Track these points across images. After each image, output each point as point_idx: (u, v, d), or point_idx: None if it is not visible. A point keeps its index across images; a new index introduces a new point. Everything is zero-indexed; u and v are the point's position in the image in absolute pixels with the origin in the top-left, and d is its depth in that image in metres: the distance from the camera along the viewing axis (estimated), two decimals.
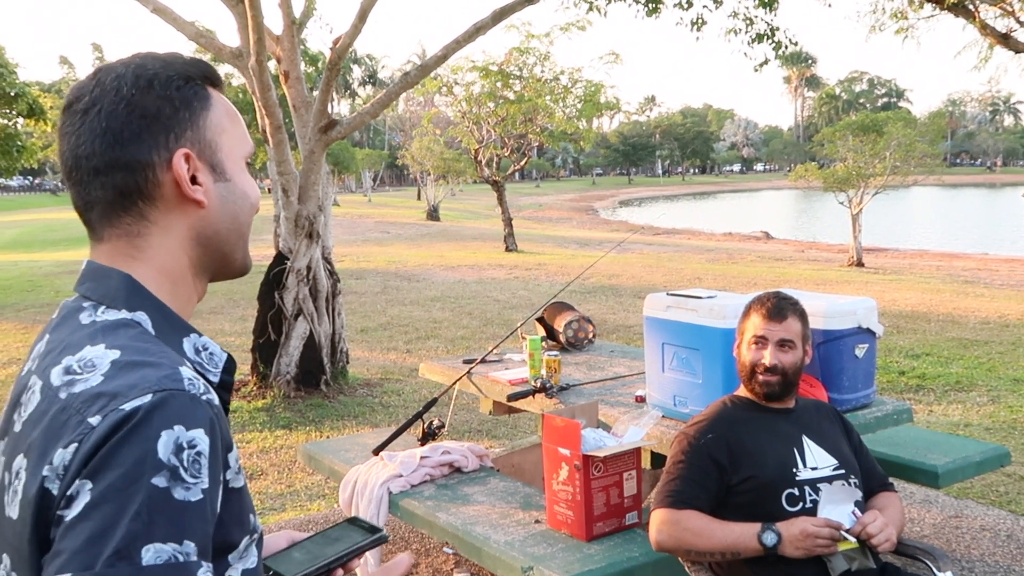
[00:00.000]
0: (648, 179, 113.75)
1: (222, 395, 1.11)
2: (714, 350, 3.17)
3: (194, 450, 0.94)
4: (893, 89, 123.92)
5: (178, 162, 1.08)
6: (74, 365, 1.00)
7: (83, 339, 1.03)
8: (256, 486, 5.31)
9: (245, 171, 1.17)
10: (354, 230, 29.79)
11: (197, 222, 1.12)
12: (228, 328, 10.47)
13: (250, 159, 1.19)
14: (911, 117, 26.08)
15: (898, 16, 13.70)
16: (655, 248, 25.21)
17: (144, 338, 1.04)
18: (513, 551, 2.95)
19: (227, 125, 1.15)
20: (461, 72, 20.69)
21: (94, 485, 0.90)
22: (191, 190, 1.09)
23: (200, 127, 1.11)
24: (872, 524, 2.35)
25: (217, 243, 1.15)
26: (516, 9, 7.47)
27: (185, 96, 1.10)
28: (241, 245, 1.18)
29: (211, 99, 1.13)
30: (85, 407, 0.95)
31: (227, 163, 1.14)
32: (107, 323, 1.05)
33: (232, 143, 1.15)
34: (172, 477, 0.92)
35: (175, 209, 1.10)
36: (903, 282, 15.64)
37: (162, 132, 1.08)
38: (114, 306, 1.07)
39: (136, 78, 1.08)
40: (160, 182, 1.08)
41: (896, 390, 7.24)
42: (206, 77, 1.14)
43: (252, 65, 6.74)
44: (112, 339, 1.02)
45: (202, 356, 1.11)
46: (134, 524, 0.89)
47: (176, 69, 1.11)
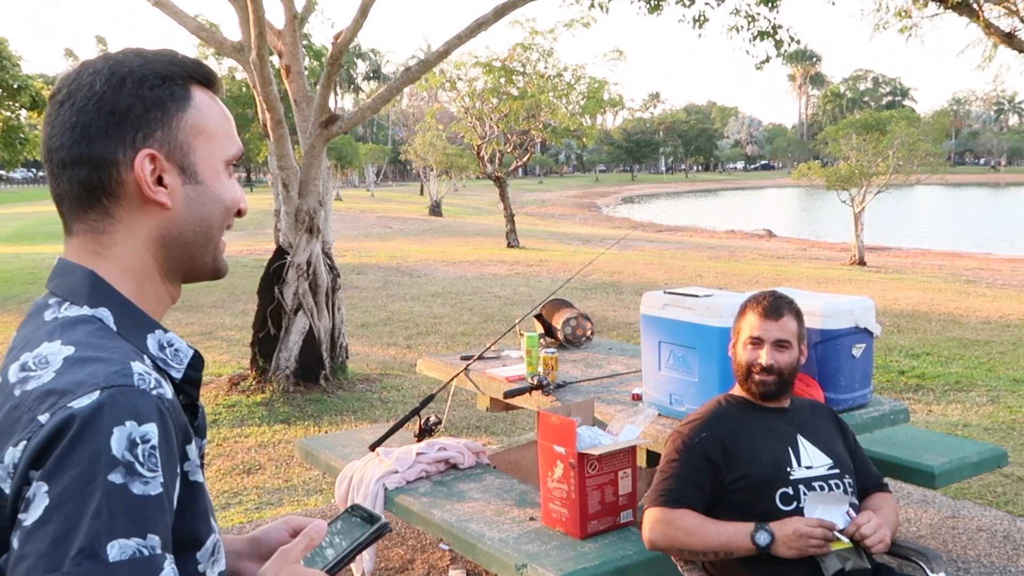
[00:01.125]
0: (651, 176, 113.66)
1: (189, 391, 1.12)
2: (710, 349, 3.16)
3: (148, 444, 0.94)
4: (897, 88, 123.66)
5: (140, 162, 1.07)
6: (30, 362, 1.01)
7: (42, 336, 1.03)
8: (254, 480, 5.31)
9: (223, 174, 1.15)
10: (356, 225, 29.79)
11: (162, 223, 1.11)
12: (228, 322, 10.47)
13: (234, 161, 1.17)
14: (915, 116, 26.02)
15: (902, 14, 13.67)
16: (657, 245, 25.19)
17: (101, 334, 1.04)
18: (507, 548, 2.95)
19: (208, 127, 1.13)
20: (464, 68, 20.67)
21: (50, 487, 0.90)
22: (153, 191, 1.08)
23: (172, 128, 1.09)
24: (866, 525, 2.35)
25: (183, 245, 1.13)
26: (518, 5, 7.45)
27: (159, 96, 1.09)
28: (211, 248, 1.16)
29: (190, 100, 1.12)
30: (36, 404, 0.95)
31: (200, 166, 1.12)
32: (67, 319, 1.05)
33: (210, 146, 1.13)
34: (128, 472, 0.92)
35: (139, 209, 1.09)
36: (905, 281, 15.62)
37: (130, 131, 1.07)
38: (76, 302, 1.07)
39: (111, 75, 1.07)
40: (123, 180, 1.07)
41: (896, 389, 7.23)
42: (191, 77, 1.13)
43: (253, 59, 6.74)
44: (69, 335, 1.02)
45: (166, 352, 1.10)
46: (95, 522, 0.89)
47: (154, 68, 1.10)
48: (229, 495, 5.08)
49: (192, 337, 9.54)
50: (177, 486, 1.00)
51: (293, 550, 1.16)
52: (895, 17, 13.75)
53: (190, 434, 1.05)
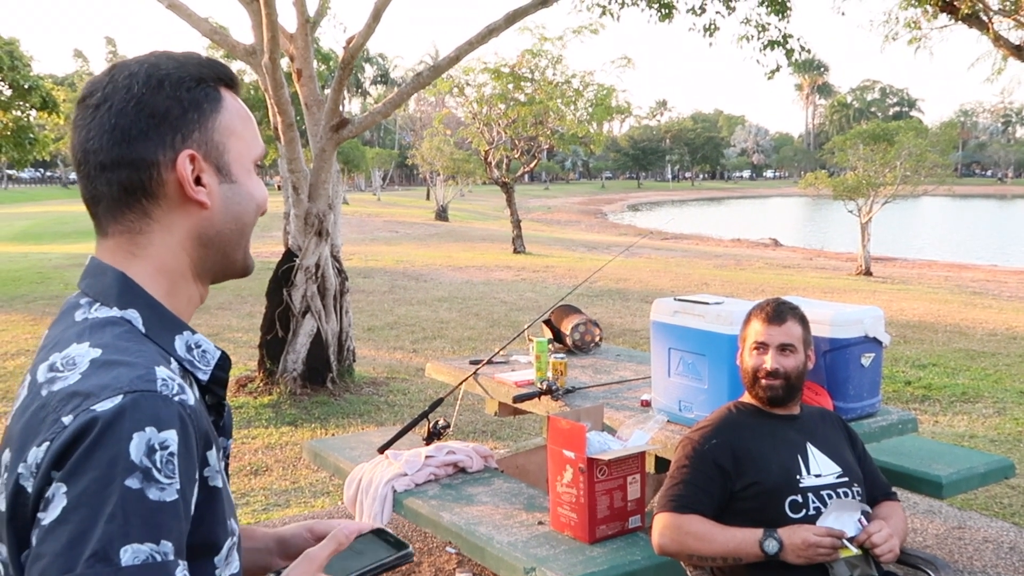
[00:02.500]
0: (657, 183, 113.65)
1: (216, 391, 1.14)
2: (720, 356, 3.17)
3: (167, 451, 0.95)
4: (905, 98, 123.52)
5: (182, 163, 1.09)
6: (58, 362, 1.02)
7: (71, 336, 1.05)
8: (261, 482, 5.33)
9: (252, 173, 1.18)
10: (363, 229, 29.83)
11: (200, 222, 1.13)
12: (235, 324, 10.50)
13: (259, 161, 1.20)
14: (922, 127, 26.01)
15: (912, 26, 13.67)
16: (663, 253, 25.19)
17: (129, 336, 1.05)
18: (516, 552, 2.96)
19: (237, 128, 1.16)
20: (473, 73, 20.72)
21: (69, 488, 0.92)
22: (194, 191, 1.10)
23: (208, 129, 1.12)
24: (877, 534, 2.36)
25: (219, 244, 1.16)
26: (529, 12, 7.48)
27: (195, 98, 1.11)
28: (243, 246, 1.19)
29: (222, 101, 1.15)
30: (60, 406, 0.97)
31: (234, 166, 1.15)
32: (96, 321, 1.06)
33: (241, 146, 1.16)
34: (145, 478, 0.93)
35: (178, 208, 1.11)
36: (911, 292, 15.61)
37: (169, 132, 1.09)
38: (106, 303, 1.08)
39: (148, 77, 1.09)
40: (164, 181, 1.09)
41: (902, 400, 7.23)
42: (220, 79, 1.16)
43: (265, 63, 6.77)
44: (97, 337, 1.04)
45: (193, 353, 1.12)
46: (110, 526, 0.91)
47: (189, 70, 1.12)
48: (236, 496, 5.09)
49: None
50: (195, 492, 1.01)
51: (319, 555, 1.16)
52: (905, 28, 13.75)
53: (211, 440, 1.06)
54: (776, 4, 9.41)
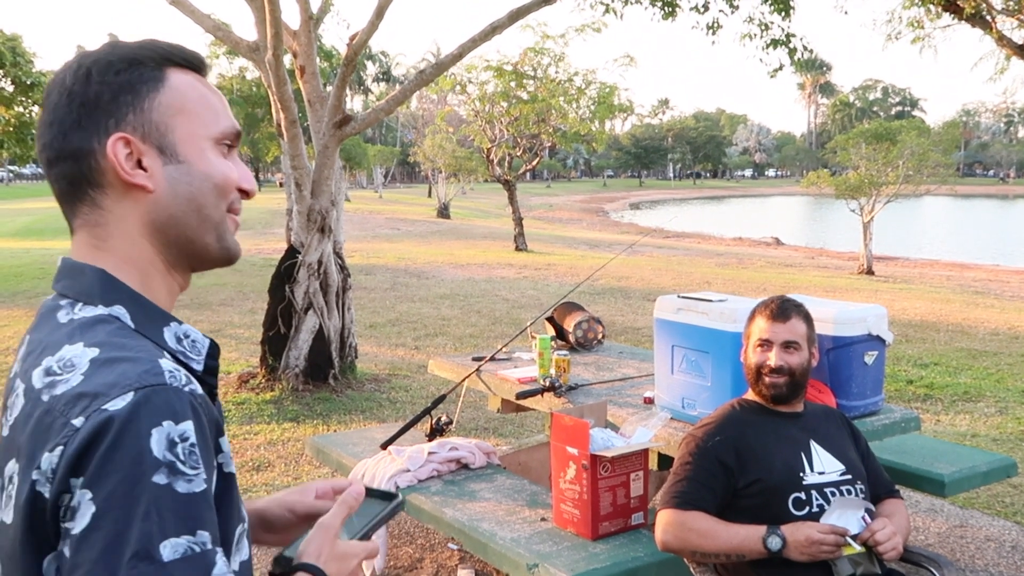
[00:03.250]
0: (659, 182, 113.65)
1: (208, 380, 1.11)
2: (723, 353, 3.18)
3: (187, 442, 0.94)
4: (907, 98, 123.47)
5: (112, 147, 1.05)
6: (54, 366, 1.00)
7: (61, 338, 1.02)
8: (264, 478, 5.34)
9: (210, 151, 1.12)
10: (365, 226, 29.84)
11: (148, 208, 1.08)
12: (237, 320, 10.51)
13: (226, 139, 1.14)
14: (925, 126, 26.02)
15: (915, 25, 13.68)
16: (665, 251, 25.19)
17: (122, 333, 1.03)
18: (519, 548, 2.96)
19: (187, 106, 1.10)
20: (475, 71, 20.71)
21: (95, 493, 0.90)
22: (129, 174, 1.06)
23: (145, 110, 1.07)
24: (881, 531, 2.36)
25: (176, 228, 1.10)
26: (532, 9, 7.48)
27: (126, 80, 1.07)
28: (210, 228, 1.12)
29: (164, 81, 1.09)
30: (68, 408, 0.95)
31: (181, 145, 1.09)
32: (84, 320, 1.04)
33: (192, 124, 1.10)
34: (171, 472, 0.92)
35: (125, 196, 1.08)
36: (913, 291, 15.60)
37: (102, 118, 1.06)
38: (90, 302, 1.06)
39: (78, 67, 1.07)
40: (103, 169, 1.06)
41: (904, 399, 7.23)
42: (166, 59, 1.11)
43: (269, 59, 6.77)
44: (90, 336, 1.01)
45: (184, 344, 1.10)
46: (146, 524, 0.90)
47: (121, 53, 1.09)
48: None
49: None
50: (215, 478, 1.00)
51: (332, 522, 1.16)
52: (908, 27, 13.75)
53: (221, 426, 1.06)
54: (779, 3, 9.40)
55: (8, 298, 11.96)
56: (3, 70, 16.19)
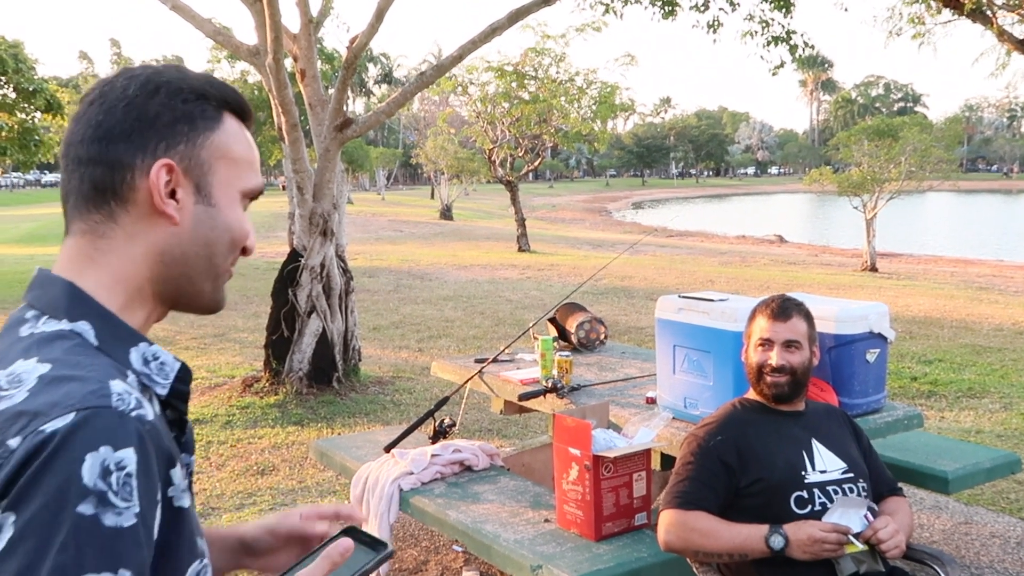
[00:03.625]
0: (662, 181, 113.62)
1: (177, 405, 1.07)
2: (725, 353, 3.18)
3: (123, 471, 0.88)
4: (909, 94, 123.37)
5: (157, 171, 1.04)
6: (3, 381, 0.95)
7: (17, 352, 0.98)
8: (268, 481, 5.35)
9: (237, 204, 1.12)
10: (367, 228, 29.87)
11: (165, 238, 1.06)
12: (241, 324, 10.53)
13: (251, 197, 1.15)
14: (927, 122, 25.96)
15: (915, 21, 13.66)
16: (668, 250, 25.19)
17: (80, 350, 0.98)
18: (523, 549, 2.97)
19: (232, 153, 1.10)
20: (476, 72, 20.73)
21: (17, 517, 0.85)
22: (163, 202, 1.04)
23: (196, 144, 1.07)
24: (883, 529, 2.36)
25: (183, 266, 1.08)
26: (532, 10, 7.49)
27: (190, 110, 1.07)
28: (211, 277, 1.11)
29: (221, 123, 1.10)
30: (6, 427, 0.90)
31: (217, 189, 1.09)
32: (44, 335, 0.99)
33: (231, 173, 1.10)
34: (100, 503, 0.86)
35: (145, 218, 1.05)
36: (916, 287, 15.59)
37: (153, 138, 1.04)
38: (55, 316, 1.01)
39: (147, 81, 1.06)
40: (136, 187, 1.04)
41: (908, 396, 7.23)
42: (227, 102, 1.11)
43: (269, 63, 6.78)
44: (46, 352, 0.97)
45: (151, 366, 1.05)
46: (62, 557, 0.84)
47: (191, 84, 1.08)
48: (243, 496, 5.11)
49: (205, 339, 9.60)
50: (159, 514, 0.94)
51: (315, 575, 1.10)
52: (908, 23, 13.73)
53: (174, 457, 1.00)
54: (779, 0, 9.40)
55: (12, 304, 11.99)
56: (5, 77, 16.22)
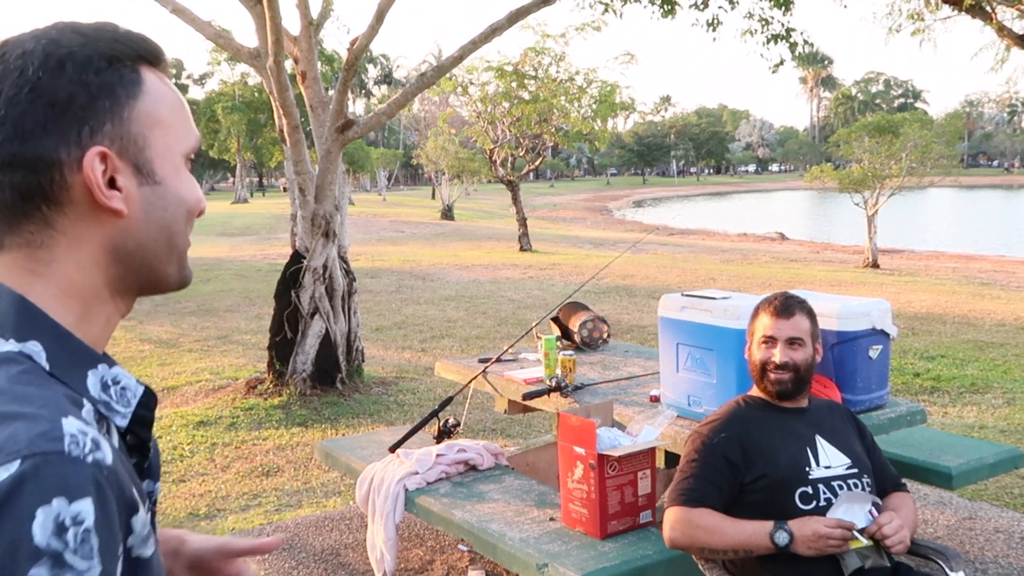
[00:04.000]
0: (662, 179, 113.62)
1: (141, 433, 0.94)
2: (728, 350, 3.19)
3: (81, 527, 0.75)
4: (909, 90, 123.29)
5: (90, 163, 0.88)
6: None
7: None
8: (272, 483, 5.36)
9: (183, 170, 0.97)
10: (369, 229, 29.89)
11: (115, 233, 0.92)
12: (244, 326, 10.54)
13: (192, 154, 1.00)
14: (928, 118, 25.96)
15: (915, 17, 13.66)
16: (669, 248, 25.19)
17: (28, 378, 0.83)
18: (528, 548, 2.98)
19: (163, 116, 0.94)
20: (476, 72, 20.75)
21: None
22: (107, 197, 0.89)
23: (124, 119, 0.90)
24: (888, 525, 2.37)
25: (142, 257, 0.94)
26: (532, 11, 7.50)
27: (107, 81, 0.90)
28: (175, 258, 0.98)
29: (143, 85, 0.93)
30: None
31: (158, 162, 0.94)
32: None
33: (168, 138, 0.95)
34: (55, 564, 0.74)
35: (87, 217, 0.90)
36: (918, 284, 15.59)
37: (74, 124, 0.88)
38: (1, 335, 0.87)
39: (46, 57, 0.88)
40: (69, 184, 0.88)
41: (911, 392, 7.23)
42: (140, 56, 0.94)
43: (270, 65, 6.79)
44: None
45: (110, 392, 0.91)
46: None
47: (99, 47, 0.90)
48: (248, 497, 5.13)
49: (208, 341, 9.62)
50: (119, 568, 0.81)
51: None
52: (908, 20, 13.73)
53: (136, 502, 0.85)
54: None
55: None
56: None
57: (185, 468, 5.65)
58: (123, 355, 8.79)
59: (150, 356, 8.91)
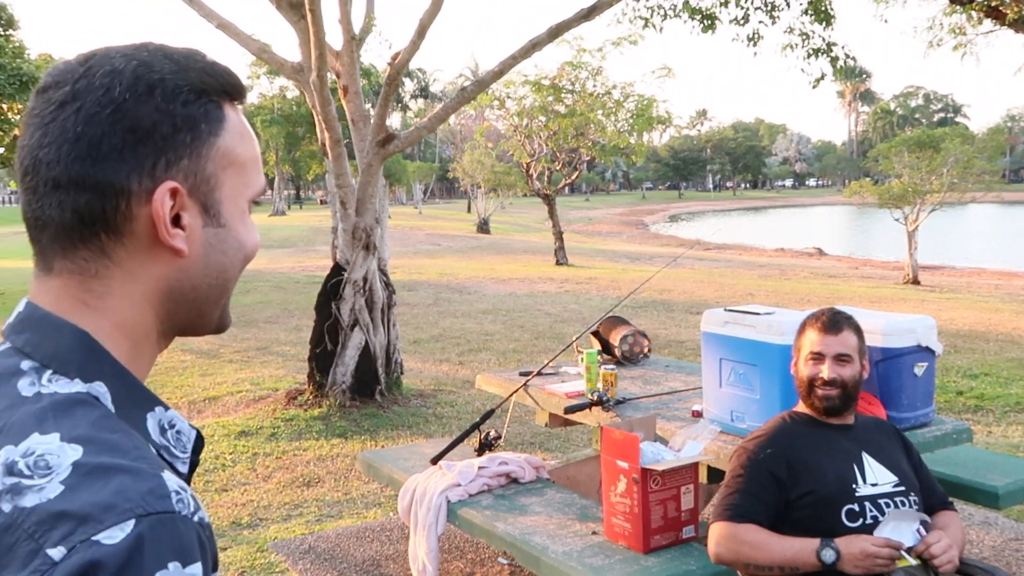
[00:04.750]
0: (698, 193, 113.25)
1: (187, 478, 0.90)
2: (772, 366, 3.18)
3: None
4: (950, 104, 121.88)
5: (161, 197, 0.83)
6: (20, 464, 0.74)
7: (28, 422, 0.77)
8: (313, 493, 5.41)
9: (246, 216, 0.94)
10: (405, 242, 30.06)
11: (171, 272, 0.87)
12: (283, 338, 10.64)
13: (257, 200, 0.96)
14: (969, 133, 25.72)
15: (956, 32, 13.54)
16: (706, 263, 25.08)
17: (109, 424, 0.79)
18: (571, 561, 2.99)
19: (239, 156, 0.90)
20: (513, 86, 20.85)
21: None
22: (170, 234, 0.85)
23: (202, 156, 0.86)
24: (936, 544, 2.36)
25: (193, 300, 0.90)
26: (572, 25, 7.53)
27: (192, 114, 0.85)
28: (223, 303, 0.95)
29: (225, 122, 0.89)
30: (42, 531, 0.70)
31: (226, 204, 0.89)
32: (57, 400, 0.79)
33: (238, 181, 0.91)
34: None
35: (146, 252, 0.85)
36: (960, 301, 15.38)
37: (151, 155, 0.83)
38: (64, 373, 0.81)
39: (135, 80, 0.83)
40: (133, 216, 0.83)
41: (954, 410, 7.14)
42: (225, 91, 0.90)
43: (313, 80, 6.88)
44: (68, 426, 0.76)
45: (168, 436, 0.87)
46: None
47: (189, 78, 0.86)
48: (290, 507, 5.18)
49: (248, 352, 9.72)
50: None
51: None
52: (949, 34, 13.62)
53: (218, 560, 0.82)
54: (820, 13, 9.38)
55: None
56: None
57: (227, 478, 5.71)
58: (165, 366, 8.92)
59: (191, 366, 9.02)
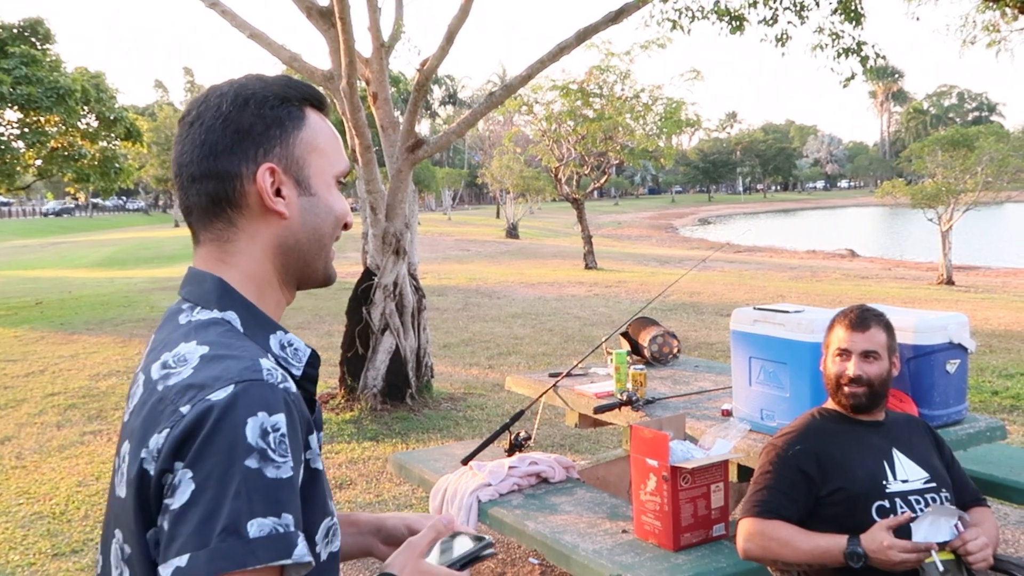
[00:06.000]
0: (728, 196, 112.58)
1: (307, 387, 1.21)
2: (802, 364, 3.18)
3: (278, 432, 1.04)
4: (984, 103, 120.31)
5: (262, 175, 1.18)
6: (170, 360, 1.12)
7: (179, 337, 1.15)
8: (346, 495, 5.45)
9: (333, 188, 1.26)
10: (435, 248, 30.16)
11: (279, 231, 1.21)
12: (314, 343, 10.70)
13: (342, 177, 1.28)
14: (1003, 131, 25.39)
15: (990, 29, 13.38)
16: (736, 266, 24.94)
17: (231, 335, 1.15)
18: (602, 559, 3.00)
19: (320, 144, 1.24)
20: (541, 91, 20.86)
21: (195, 473, 1.00)
22: (272, 202, 1.19)
23: (289, 144, 1.20)
24: (973, 541, 2.34)
25: (298, 252, 1.24)
26: (600, 29, 7.55)
27: (278, 115, 1.20)
28: (323, 256, 1.27)
29: (305, 119, 1.23)
30: (178, 397, 1.06)
31: (314, 179, 1.23)
32: (200, 322, 1.17)
33: (322, 162, 1.24)
34: (262, 458, 1.01)
35: (260, 218, 1.20)
36: (995, 301, 15.19)
37: (252, 147, 1.18)
38: (207, 307, 1.18)
39: (235, 96, 1.20)
40: (246, 192, 1.19)
41: (989, 410, 7.06)
42: (305, 99, 1.24)
43: (343, 87, 6.95)
44: (203, 336, 1.13)
45: (287, 351, 1.21)
46: (236, 503, 0.99)
47: (273, 90, 1.22)
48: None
49: None
50: (301, 473, 1.08)
51: (420, 543, 1.24)
52: (983, 32, 13.46)
53: (311, 425, 1.15)
54: (850, 12, 9.31)
55: (96, 326, 12.39)
56: (88, 107, 16.83)
57: None
58: None
59: None
